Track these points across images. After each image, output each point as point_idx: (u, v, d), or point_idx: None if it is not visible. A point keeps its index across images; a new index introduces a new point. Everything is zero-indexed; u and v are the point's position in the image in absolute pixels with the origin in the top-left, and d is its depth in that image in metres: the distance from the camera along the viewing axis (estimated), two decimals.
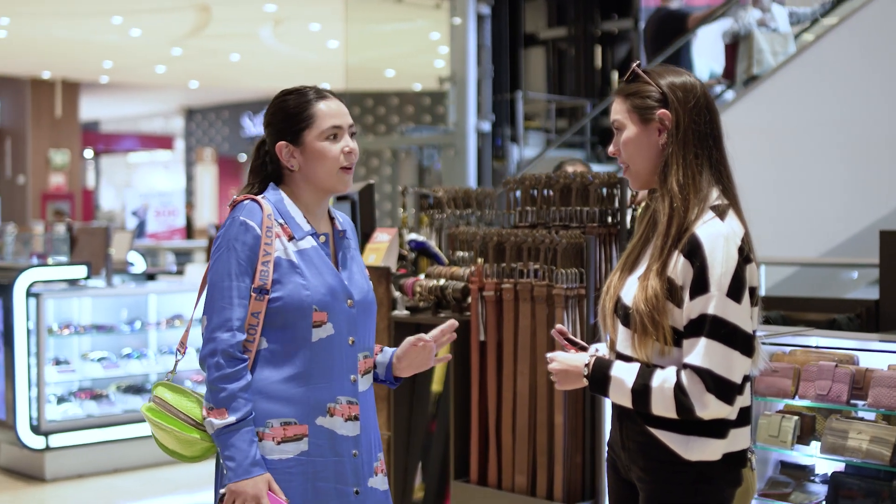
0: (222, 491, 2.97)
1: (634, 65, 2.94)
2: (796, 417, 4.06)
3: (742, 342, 2.72)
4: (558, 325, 3.11)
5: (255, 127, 26.16)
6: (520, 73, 14.17)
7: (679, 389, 2.72)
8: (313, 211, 3.16)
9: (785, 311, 5.91)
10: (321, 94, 3.14)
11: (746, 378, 2.81)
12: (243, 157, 28.46)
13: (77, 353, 8.15)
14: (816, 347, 4.24)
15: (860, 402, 3.95)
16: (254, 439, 2.95)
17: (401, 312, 5.23)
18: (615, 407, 2.95)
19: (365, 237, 5.51)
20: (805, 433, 4.09)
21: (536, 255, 4.62)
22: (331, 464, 3.06)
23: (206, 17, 16.21)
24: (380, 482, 3.19)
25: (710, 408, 2.71)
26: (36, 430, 7.47)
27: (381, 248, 5.35)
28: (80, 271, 7.81)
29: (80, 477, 7.62)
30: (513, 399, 4.69)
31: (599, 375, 2.87)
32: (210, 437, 3.02)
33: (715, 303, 2.70)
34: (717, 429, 2.79)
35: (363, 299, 3.16)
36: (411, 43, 16.58)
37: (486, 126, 12.63)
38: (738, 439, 2.84)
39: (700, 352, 2.70)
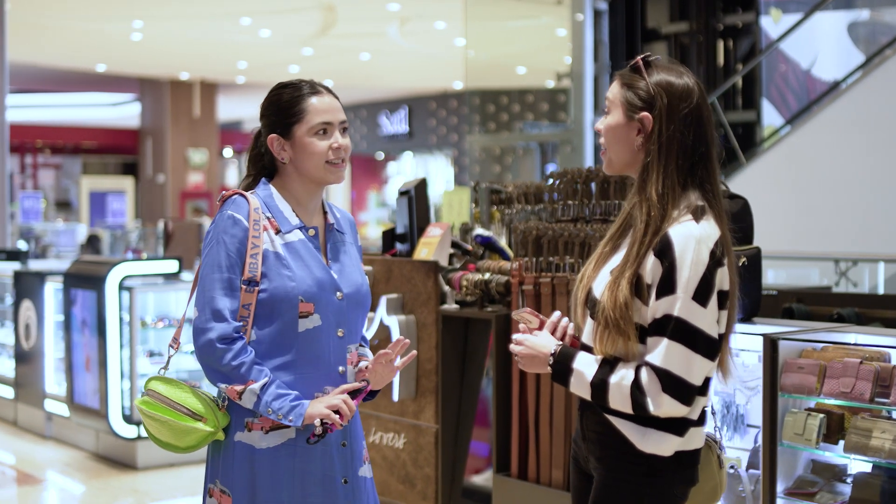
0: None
1: (640, 57, 2.87)
2: (822, 415, 3.94)
3: (704, 346, 2.68)
4: (526, 307, 3.09)
5: (391, 125, 26.32)
6: None
7: (636, 387, 2.70)
8: (305, 204, 3.20)
9: (860, 307, 5.74)
10: (315, 89, 3.17)
11: (708, 380, 2.77)
12: (381, 156, 28.71)
13: None
14: (854, 345, 4.11)
15: (885, 401, 3.82)
16: (281, 392, 3.01)
17: (450, 307, 5.24)
18: (578, 399, 2.92)
19: (420, 231, 5.54)
20: (832, 431, 3.97)
21: (572, 249, 4.60)
22: (318, 451, 3.11)
23: (332, 17, 16.43)
24: (367, 471, 3.25)
25: (664, 407, 2.68)
26: (128, 419, 7.68)
27: (433, 242, 5.36)
28: (171, 266, 8.02)
29: (171, 466, 7.81)
30: (550, 395, 4.67)
31: (562, 367, 2.84)
32: (203, 423, 3.08)
33: (680, 304, 2.66)
34: (677, 425, 2.76)
35: (355, 293, 3.19)
36: (537, 39, 16.53)
37: None
38: (693, 439, 2.81)
39: (661, 352, 2.68)
